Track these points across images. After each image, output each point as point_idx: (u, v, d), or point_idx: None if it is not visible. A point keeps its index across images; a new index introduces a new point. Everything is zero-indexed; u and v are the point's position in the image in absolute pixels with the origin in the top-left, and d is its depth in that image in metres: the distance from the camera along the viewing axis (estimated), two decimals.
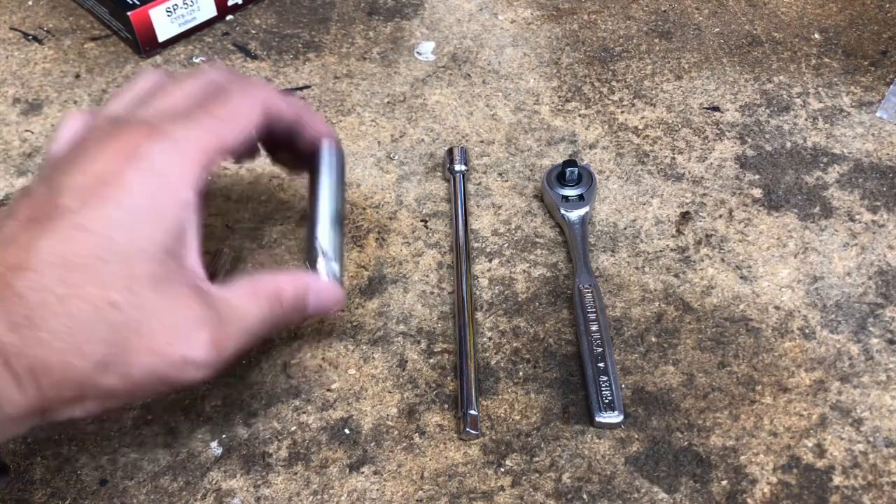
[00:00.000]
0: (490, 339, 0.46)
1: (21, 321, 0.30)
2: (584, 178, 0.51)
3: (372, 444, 0.42)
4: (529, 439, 0.42)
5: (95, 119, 0.36)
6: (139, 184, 0.32)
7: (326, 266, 0.40)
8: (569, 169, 0.51)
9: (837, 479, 0.40)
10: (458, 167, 0.53)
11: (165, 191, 0.33)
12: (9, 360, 0.29)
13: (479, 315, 0.47)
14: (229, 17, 0.65)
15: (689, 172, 0.54)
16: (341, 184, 0.43)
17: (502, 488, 0.40)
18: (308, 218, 0.42)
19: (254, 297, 0.36)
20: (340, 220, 0.42)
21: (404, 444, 0.42)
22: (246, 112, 0.37)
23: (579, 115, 0.58)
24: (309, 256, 0.41)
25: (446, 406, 0.43)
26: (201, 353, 0.33)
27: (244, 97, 0.37)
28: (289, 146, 0.42)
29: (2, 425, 0.31)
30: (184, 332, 0.33)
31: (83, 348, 0.30)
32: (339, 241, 0.41)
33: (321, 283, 0.40)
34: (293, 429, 0.42)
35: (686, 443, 0.41)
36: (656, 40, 0.64)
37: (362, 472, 0.41)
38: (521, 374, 0.44)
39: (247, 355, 0.45)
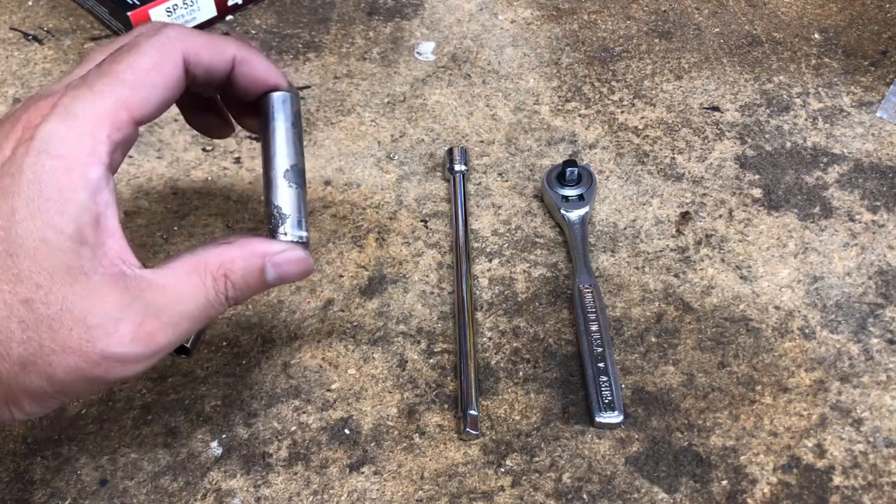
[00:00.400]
0: (490, 339, 0.46)
1: None
2: (584, 178, 0.51)
3: (372, 444, 0.42)
4: (529, 439, 0.42)
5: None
6: (36, 169, 0.29)
7: (288, 231, 0.35)
8: (569, 169, 0.51)
9: (837, 480, 0.40)
10: (458, 167, 0.53)
11: (67, 174, 0.29)
12: None
13: (479, 315, 0.47)
14: (229, 18, 0.65)
15: (689, 172, 0.54)
16: (299, 135, 0.37)
17: (502, 488, 0.40)
18: (263, 178, 0.36)
19: (194, 277, 0.32)
20: (301, 176, 0.36)
21: (404, 444, 0.42)
22: (155, 68, 0.32)
23: (579, 115, 0.58)
24: (267, 222, 0.36)
25: (446, 406, 0.43)
26: (123, 347, 0.30)
27: (152, 49, 0.32)
28: (236, 102, 0.37)
29: None
30: (101, 327, 0.30)
31: (1, 349, 0.29)
32: (300, 200, 0.36)
33: (280, 251, 0.35)
34: (293, 429, 0.42)
35: (686, 443, 0.41)
36: (656, 40, 0.64)
37: (362, 473, 0.41)
38: (521, 374, 0.44)
39: (246, 355, 0.45)
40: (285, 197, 0.35)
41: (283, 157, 0.36)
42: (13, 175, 0.29)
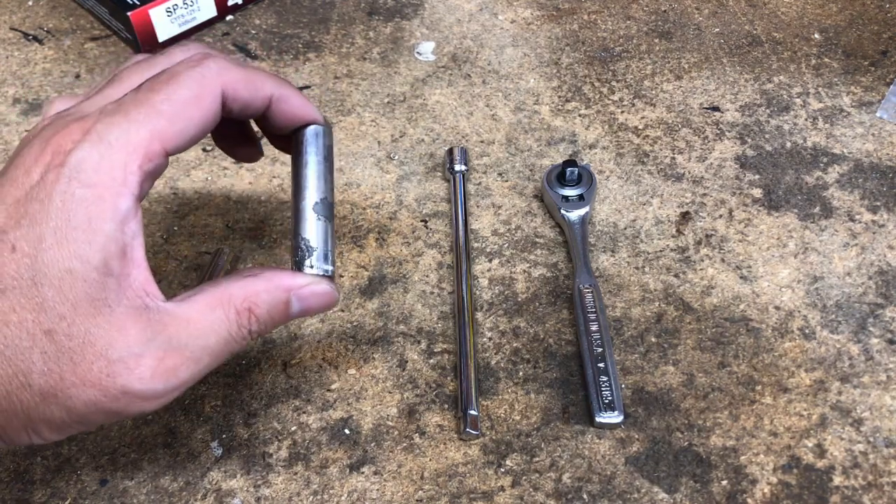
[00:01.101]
0: (490, 339, 0.46)
1: None
2: (584, 178, 0.51)
3: (372, 445, 0.42)
4: (529, 439, 0.42)
5: (53, 113, 0.33)
6: (65, 197, 0.29)
7: (314, 263, 0.35)
8: (569, 169, 0.51)
9: (838, 480, 0.40)
10: (458, 167, 0.53)
11: (97, 203, 0.29)
12: None
13: (479, 315, 0.47)
14: (229, 18, 0.65)
15: (689, 172, 0.54)
16: (330, 169, 0.37)
17: (502, 488, 0.40)
18: (292, 210, 0.36)
19: (218, 311, 0.31)
20: (330, 209, 0.36)
21: (404, 445, 0.42)
22: (194, 101, 0.32)
23: (579, 115, 0.58)
24: (294, 254, 0.35)
25: (446, 406, 0.43)
26: (144, 384, 0.30)
27: (192, 82, 0.32)
28: (268, 132, 0.38)
29: None
30: (123, 361, 0.29)
31: (21, 378, 0.28)
32: (328, 233, 0.35)
33: (305, 284, 0.34)
34: (293, 429, 0.42)
35: (686, 443, 0.41)
36: (656, 40, 0.64)
37: (362, 473, 0.41)
38: (521, 374, 0.44)
39: (246, 355, 0.45)
40: (313, 230, 0.35)
41: (313, 190, 0.35)
42: (42, 201, 0.29)
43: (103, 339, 0.29)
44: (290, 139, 0.37)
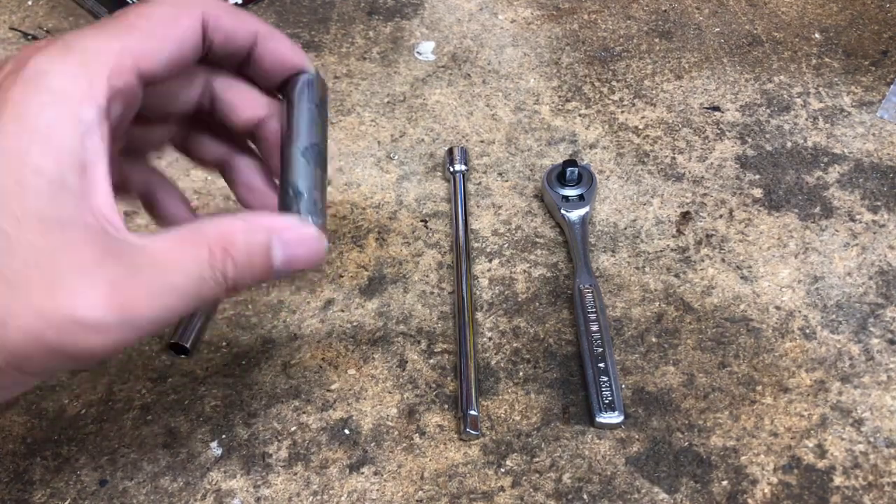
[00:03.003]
0: (490, 339, 0.46)
1: None
2: (585, 178, 0.51)
3: (372, 445, 0.42)
4: (530, 439, 0.42)
5: None
6: (26, 103, 0.26)
7: (302, 208, 0.31)
8: (569, 169, 0.51)
9: (838, 480, 0.40)
10: (458, 167, 0.53)
11: (58, 109, 0.26)
12: None
13: (479, 315, 0.47)
14: None
15: (690, 172, 0.54)
16: (323, 118, 0.34)
17: (502, 489, 0.40)
18: (282, 155, 0.33)
19: (188, 248, 0.28)
20: (322, 157, 0.33)
21: (404, 445, 0.42)
22: (170, 20, 0.29)
23: (579, 115, 0.58)
24: (281, 198, 0.31)
25: (446, 406, 0.43)
26: (93, 311, 0.26)
27: (173, 5, 0.29)
28: (248, 72, 0.34)
29: None
30: (72, 283, 0.25)
31: None
32: (318, 180, 0.32)
33: (291, 227, 0.30)
34: (293, 429, 0.42)
35: (686, 443, 0.41)
36: (656, 40, 0.64)
37: (362, 473, 0.41)
38: (521, 374, 0.44)
39: (246, 355, 0.45)
40: (301, 174, 0.31)
41: (303, 136, 0.32)
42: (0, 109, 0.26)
43: (49, 260, 0.25)
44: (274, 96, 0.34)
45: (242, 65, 0.33)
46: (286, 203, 0.31)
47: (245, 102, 0.33)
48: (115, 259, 0.26)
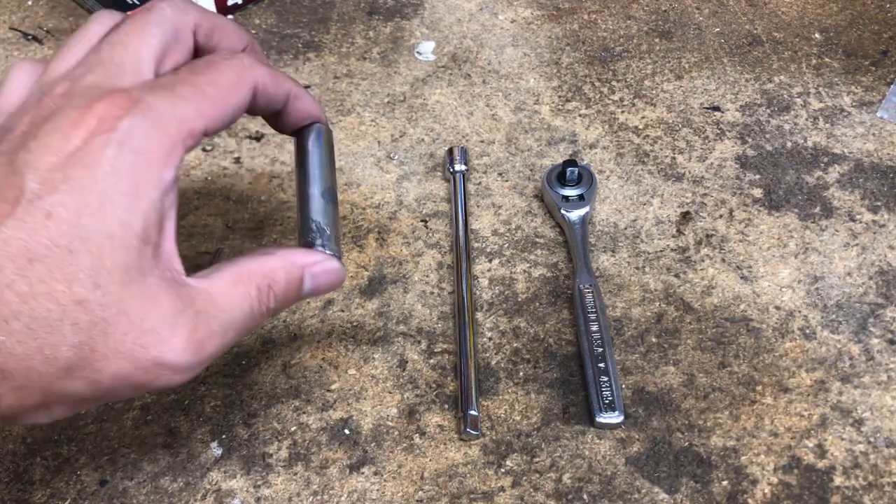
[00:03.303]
0: (490, 339, 0.46)
1: None
2: (585, 178, 0.51)
3: (372, 445, 0.42)
4: (530, 440, 0.42)
5: (49, 77, 0.32)
6: (115, 163, 0.28)
7: (325, 244, 0.36)
8: (569, 169, 0.51)
9: (838, 480, 0.40)
10: (458, 167, 0.53)
11: (144, 170, 0.29)
12: None
13: (479, 315, 0.47)
14: (229, 17, 0.65)
15: (690, 172, 0.54)
16: (333, 164, 0.39)
17: (502, 489, 0.40)
18: (298, 196, 0.38)
19: (240, 287, 0.32)
20: (335, 198, 0.38)
21: (404, 445, 0.42)
22: (233, 89, 0.33)
23: (579, 115, 0.58)
24: (303, 234, 0.37)
25: (446, 406, 0.43)
26: (177, 355, 0.29)
27: (232, 72, 0.33)
28: (272, 119, 0.38)
29: None
30: (156, 332, 0.29)
31: (47, 352, 0.27)
32: (334, 217, 0.38)
33: (317, 261, 0.35)
34: (293, 429, 0.42)
35: (686, 443, 0.41)
36: (656, 40, 0.64)
37: (362, 473, 0.41)
38: (521, 374, 0.44)
39: (246, 355, 0.45)
40: (323, 214, 0.37)
41: (320, 180, 0.37)
42: (87, 167, 0.28)
43: (138, 309, 0.28)
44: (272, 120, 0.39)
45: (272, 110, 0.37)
46: (310, 238, 0.36)
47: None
48: (186, 306, 0.30)
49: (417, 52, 0.63)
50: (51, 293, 0.27)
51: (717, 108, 0.58)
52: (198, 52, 0.35)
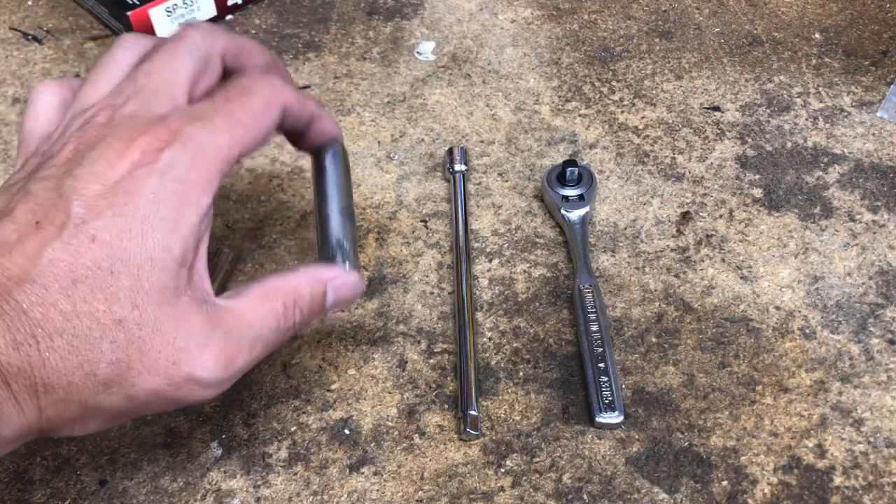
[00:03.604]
0: (490, 339, 0.46)
1: (24, 339, 0.28)
2: (585, 178, 0.51)
3: (372, 445, 0.42)
4: (530, 440, 0.42)
5: (84, 103, 0.34)
6: (157, 191, 0.30)
7: (346, 259, 0.38)
8: (569, 169, 0.51)
9: (838, 480, 0.40)
10: (458, 167, 0.53)
11: (183, 198, 0.31)
12: (9, 381, 0.28)
13: (479, 315, 0.47)
14: (229, 17, 0.65)
15: (690, 172, 0.54)
16: (349, 181, 0.41)
17: (502, 489, 0.40)
18: (317, 214, 0.40)
19: (267, 304, 0.34)
20: (353, 213, 0.40)
21: (404, 445, 0.42)
22: (264, 113, 0.34)
23: (579, 115, 0.58)
24: (323, 250, 0.39)
25: (446, 406, 0.43)
26: (207, 372, 0.31)
27: (265, 98, 0.35)
28: (293, 138, 0.40)
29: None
30: (189, 349, 0.31)
31: (86, 368, 0.29)
32: (352, 233, 0.39)
33: (339, 275, 0.37)
34: (293, 429, 0.42)
35: (686, 443, 0.41)
36: (656, 40, 0.64)
37: (362, 473, 0.41)
38: (521, 374, 0.44)
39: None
40: (344, 230, 0.39)
41: (338, 197, 0.39)
42: (131, 194, 0.30)
43: (171, 328, 0.30)
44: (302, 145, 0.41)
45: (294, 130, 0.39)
46: (329, 253, 0.38)
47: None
48: (216, 324, 0.32)
49: (417, 52, 0.63)
50: (92, 312, 0.29)
51: (717, 108, 0.58)
52: (225, 73, 0.37)
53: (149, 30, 0.61)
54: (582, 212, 0.50)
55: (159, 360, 0.30)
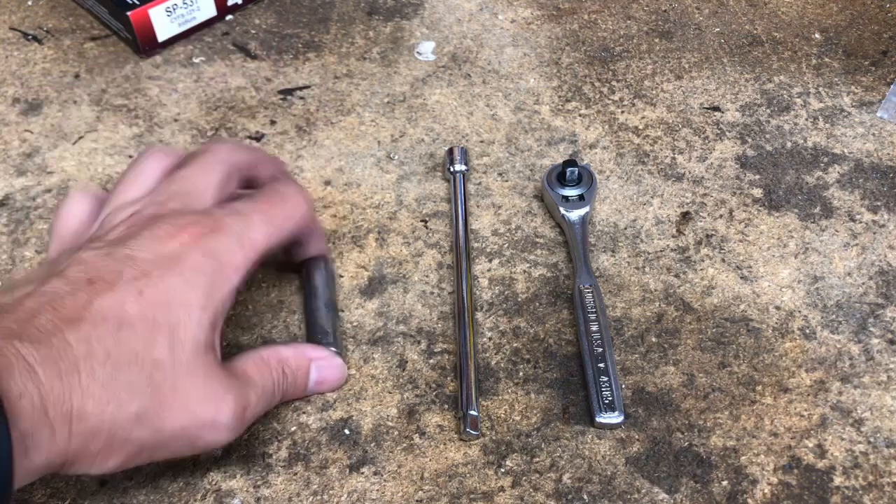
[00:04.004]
0: (490, 339, 0.46)
1: (68, 370, 0.31)
2: (585, 178, 0.51)
3: (372, 445, 0.42)
4: (530, 440, 0.42)
5: (121, 201, 0.39)
6: (200, 263, 0.35)
7: (328, 341, 0.43)
8: (569, 169, 0.51)
9: (838, 480, 0.40)
10: (458, 167, 0.53)
11: (220, 273, 0.36)
12: (48, 408, 0.31)
13: (479, 315, 0.47)
14: (229, 17, 0.65)
15: (690, 172, 0.54)
16: (334, 284, 0.47)
17: (502, 489, 0.40)
18: (306, 308, 0.46)
19: (264, 367, 0.39)
20: (336, 307, 0.46)
21: (404, 445, 0.42)
22: (293, 220, 0.41)
23: (579, 115, 0.58)
24: (311, 335, 0.44)
25: (446, 406, 0.43)
26: (228, 417, 0.36)
27: (295, 206, 0.41)
28: (291, 248, 0.45)
29: (25, 475, 0.31)
30: (215, 395, 0.35)
31: (121, 398, 0.32)
32: (335, 323, 0.45)
33: (324, 356, 0.42)
34: (293, 429, 0.42)
35: (686, 443, 0.41)
36: (656, 40, 0.64)
37: (362, 473, 0.41)
38: (521, 374, 0.44)
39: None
40: (328, 322, 0.44)
41: (323, 295, 0.45)
42: (177, 263, 0.35)
43: (201, 376, 0.35)
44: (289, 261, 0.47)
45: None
46: (317, 338, 0.44)
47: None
48: (233, 378, 0.37)
49: (417, 52, 0.63)
50: (135, 352, 0.33)
51: (717, 108, 0.58)
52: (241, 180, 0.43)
53: (148, 29, 0.61)
54: (582, 212, 0.50)
55: (189, 401, 0.34)
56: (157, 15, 0.61)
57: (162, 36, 0.62)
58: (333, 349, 0.43)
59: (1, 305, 0.33)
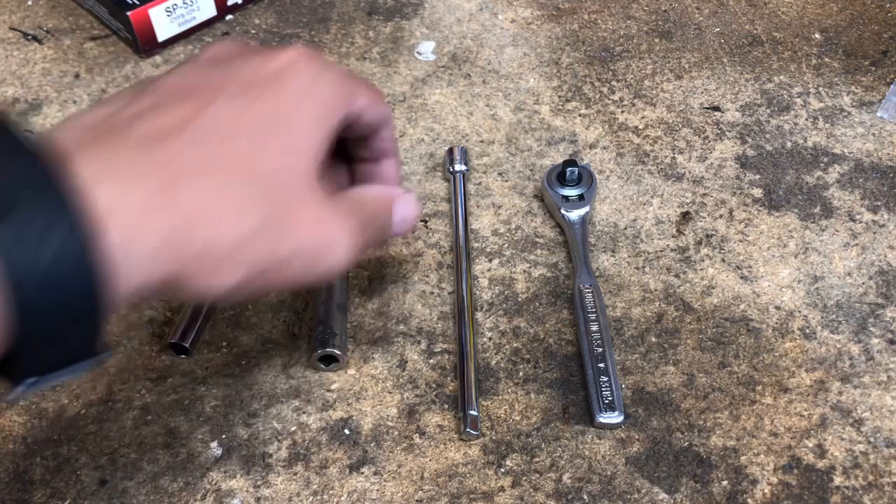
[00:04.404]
0: (490, 339, 0.46)
1: (169, 183, 0.28)
2: (585, 178, 0.51)
3: (372, 445, 0.42)
4: (530, 440, 0.42)
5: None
6: (308, 88, 0.33)
7: (336, 344, 0.44)
8: (569, 169, 0.51)
9: (838, 480, 0.40)
10: (458, 167, 0.53)
11: (332, 99, 0.34)
12: (146, 222, 0.27)
13: (479, 315, 0.47)
14: (229, 17, 0.65)
15: (690, 172, 0.54)
16: (346, 286, 0.48)
17: (502, 489, 0.40)
18: (317, 308, 0.46)
19: (366, 198, 0.37)
20: (346, 310, 0.47)
21: (404, 445, 0.42)
22: (371, 98, 0.37)
23: (579, 115, 0.58)
24: (321, 335, 0.44)
25: (446, 406, 0.43)
26: (345, 237, 0.33)
27: (369, 88, 0.38)
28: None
29: (126, 290, 0.27)
30: (331, 216, 0.32)
31: (242, 206, 0.29)
32: (344, 325, 0.46)
33: (401, 193, 0.39)
34: (293, 429, 0.42)
35: (686, 443, 0.41)
36: (657, 40, 0.64)
37: (362, 473, 0.41)
38: (521, 374, 0.44)
39: (246, 355, 0.45)
40: (337, 321, 0.45)
41: (338, 299, 0.46)
42: (284, 81, 0.32)
43: (318, 193, 0.32)
44: None
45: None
46: (325, 336, 0.44)
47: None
48: (341, 200, 0.34)
49: (417, 52, 0.63)
50: (247, 159, 0.30)
51: (717, 108, 0.58)
52: None
53: (148, 29, 0.61)
54: (582, 212, 0.50)
55: (309, 217, 0.31)
56: (157, 15, 0.61)
57: (162, 36, 0.62)
58: (338, 350, 0.43)
59: (88, 118, 0.30)
